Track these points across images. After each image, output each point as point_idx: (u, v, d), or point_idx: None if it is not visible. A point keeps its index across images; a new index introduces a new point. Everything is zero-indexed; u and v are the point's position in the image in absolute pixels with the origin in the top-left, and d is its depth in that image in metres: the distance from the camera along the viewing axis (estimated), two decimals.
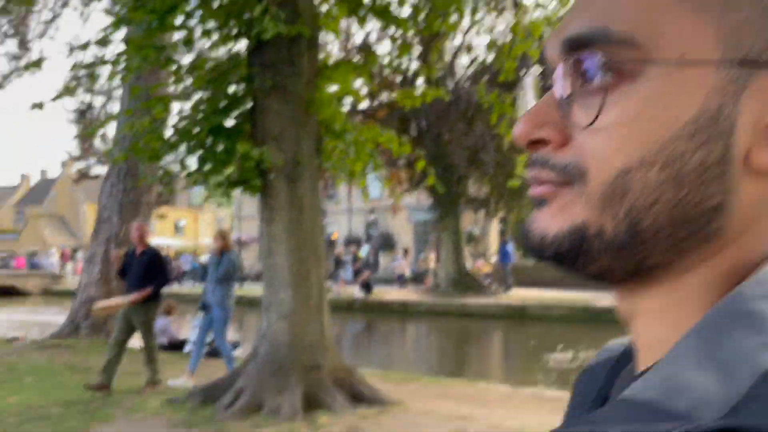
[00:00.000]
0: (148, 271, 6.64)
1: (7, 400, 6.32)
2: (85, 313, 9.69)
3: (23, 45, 11.44)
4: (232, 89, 5.70)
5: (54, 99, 6.35)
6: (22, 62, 11.26)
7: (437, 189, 7.99)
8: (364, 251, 25.96)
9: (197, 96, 5.88)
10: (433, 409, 5.75)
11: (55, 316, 22.47)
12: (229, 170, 5.38)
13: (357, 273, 21.79)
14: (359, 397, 5.69)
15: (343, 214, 36.02)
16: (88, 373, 7.39)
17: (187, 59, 5.77)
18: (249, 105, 5.69)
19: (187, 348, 8.67)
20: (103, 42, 5.82)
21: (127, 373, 7.24)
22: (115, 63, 5.68)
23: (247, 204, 43.33)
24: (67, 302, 27.83)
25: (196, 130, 5.55)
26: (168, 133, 5.83)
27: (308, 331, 5.66)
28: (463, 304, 19.16)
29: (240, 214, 44.58)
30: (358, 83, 7.16)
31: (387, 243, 33.24)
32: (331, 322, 6.07)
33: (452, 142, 17.22)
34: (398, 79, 14.87)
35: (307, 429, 4.95)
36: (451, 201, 20.19)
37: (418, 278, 24.31)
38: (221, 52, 5.81)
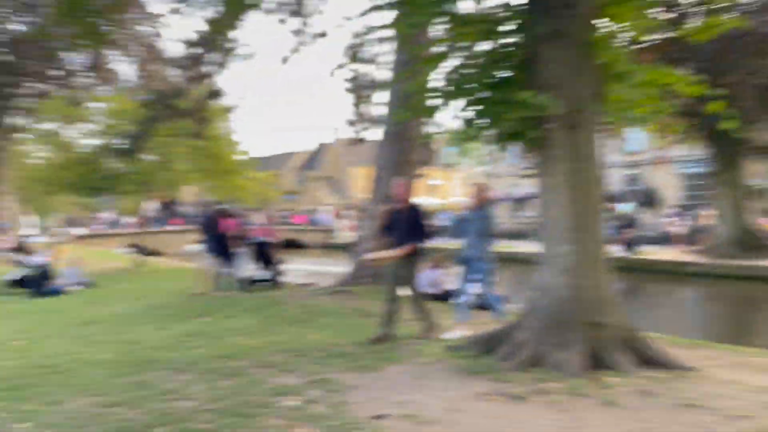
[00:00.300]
0: (412, 227, 6.92)
1: (309, 337, 7.22)
2: (363, 264, 10.60)
3: (303, 21, 12.70)
4: (506, 40, 5.58)
5: (339, 67, 6.91)
6: (304, 37, 12.53)
7: (732, 132, 6.97)
8: (627, 208, 24.25)
9: (470, 50, 5.87)
10: (737, 379, 5.12)
11: (332, 266, 25.19)
12: (504, 123, 5.30)
13: (620, 231, 20.49)
14: (646, 359, 5.31)
15: None
16: (372, 318, 8.10)
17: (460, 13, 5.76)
18: (524, 54, 5.53)
19: (455, 300, 8.99)
20: (378, 8, 6.10)
21: (406, 320, 7.75)
22: (393, 26, 5.92)
23: (499, 162, 43.37)
24: (340, 254, 31.02)
25: (471, 84, 5.55)
26: (441, 89, 5.92)
27: (589, 286, 5.41)
28: (748, 265, 16.89)
29: (492, 173, 44.85)
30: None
31: (650, 199, 30.64)
32: (611, 278, 5.74)
33: (738, 82, 14.96)
34: (670, 14, 13.33)
35: (593, 388, 4.77)
36: (733, 150, 17.72)
37: (689, 237, 22.02)
38: (494, 2, 5.70)
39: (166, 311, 9.58)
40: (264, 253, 12.03)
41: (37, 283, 12.28)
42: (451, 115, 6.06)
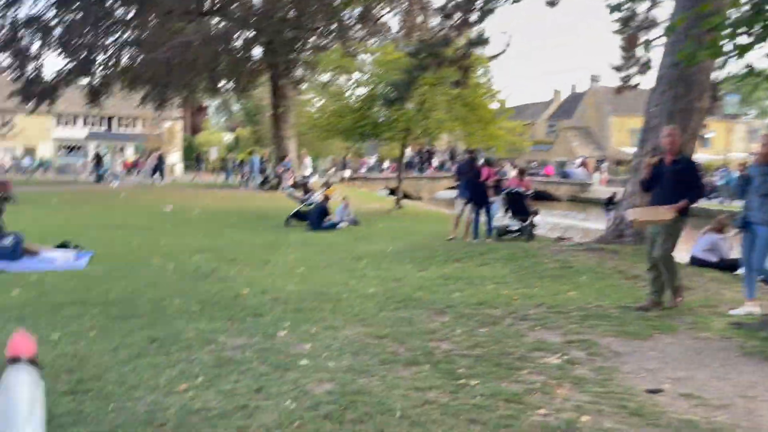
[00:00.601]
0: (680, 183, 6.04)
1: (567, 294, 6.91)
2: (625, 221, 9.82)
3: None
4: None
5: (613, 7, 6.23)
6: None
7: None
8: None
9: None
10: None
11: (585, 221, 24.06)
12: None
13: None
14: None
15: None
16: (636, 280, 7.48)
17: None
18: None
19: (740, 271, 7.85)
20: None
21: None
22: None
23: None
24: (592, 209, 29.49)
25: None
26: (754, 24, 4.97)
27: None
28: None
29: None
30: None
31: None
32: None
33: None
34: None
35: None
36: None
37: None
38: None
39: (423, 253, 10.00)
40: (517, 204, 11.84)
41: (315, 219, 13.74)
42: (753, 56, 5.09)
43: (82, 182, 30.15)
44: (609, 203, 18.87)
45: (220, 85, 31.78)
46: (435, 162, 39.18)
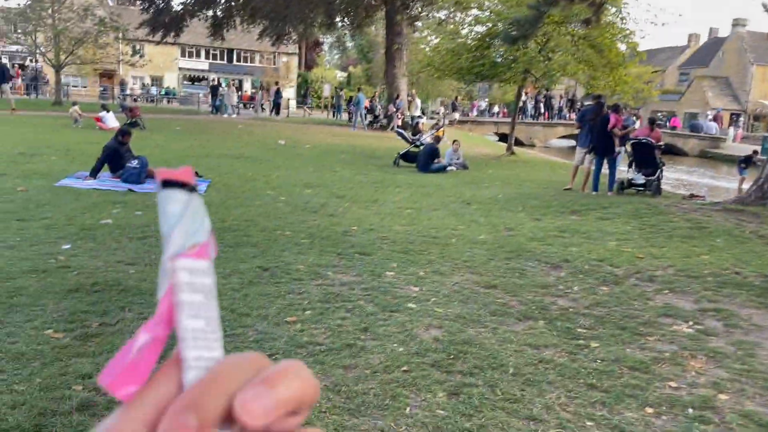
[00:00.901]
0: None
1: (699, 258, 6.29)
2: None
3: None
4: None
5: None
6: None
7: None
8: None
9: None
10: None
11: (714, 180, 22.21)
12: None
13: None
14: None
15: None
16: None
17: None
18: None
19: None
20: None
21: None
22: None
23: None
24: (722, 167, 27.15)
25: None
26: None
27: None
28: None
29: None
30: None
31: None
32: None
33: None
34: None
35: None
36: None
37: None
38: None
39: (537, 202, 9.53)
40: (646, 155, 10.92)
41: (424, 160, 13.48)
42: None
43: (203, 112, 31.45)
44: (745, 162, 17.17)
45: (336, 20, 31.60)
46: (552, 107, 37.31)
